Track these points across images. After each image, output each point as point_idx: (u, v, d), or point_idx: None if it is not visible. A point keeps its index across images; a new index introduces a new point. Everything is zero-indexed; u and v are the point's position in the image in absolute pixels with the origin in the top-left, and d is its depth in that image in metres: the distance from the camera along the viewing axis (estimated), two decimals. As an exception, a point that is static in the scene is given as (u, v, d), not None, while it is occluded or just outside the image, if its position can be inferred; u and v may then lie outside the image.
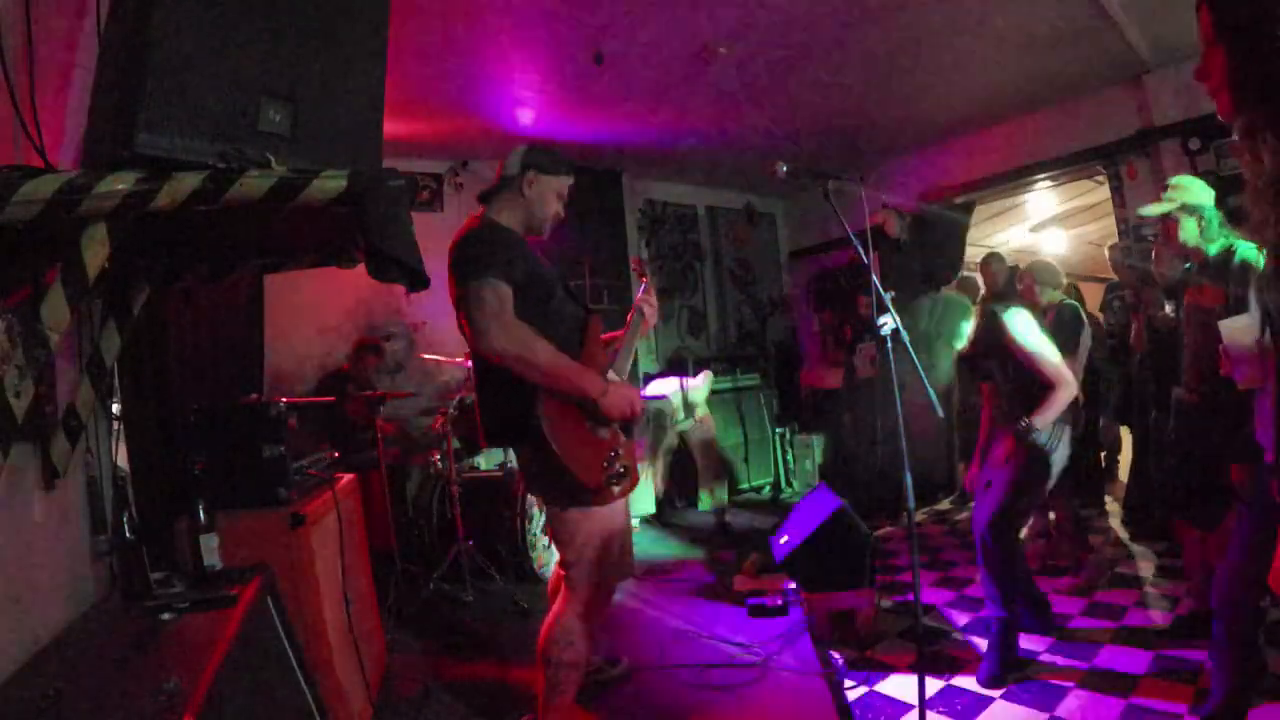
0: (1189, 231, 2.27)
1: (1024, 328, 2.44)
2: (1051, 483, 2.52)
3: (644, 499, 4.59)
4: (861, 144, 5.68)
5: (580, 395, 1.77)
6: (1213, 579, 1.86)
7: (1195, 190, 2.27)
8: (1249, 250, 2.16)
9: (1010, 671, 2.34)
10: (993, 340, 2.51)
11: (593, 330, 1.97)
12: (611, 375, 1.93)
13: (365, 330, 4.83)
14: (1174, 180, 2.36)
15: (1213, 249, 2.26)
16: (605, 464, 1.81)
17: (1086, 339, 3.42)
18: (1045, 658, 2.46)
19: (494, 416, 1.89)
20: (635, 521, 4.37)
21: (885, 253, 5.63)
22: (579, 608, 1.86)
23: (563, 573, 1.92)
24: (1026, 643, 2.49)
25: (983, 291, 5.06)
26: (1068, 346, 3.16)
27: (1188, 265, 2.41)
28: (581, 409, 1.80)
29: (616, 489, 1.82)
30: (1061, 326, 3.23)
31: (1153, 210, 2.35)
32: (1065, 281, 3.64)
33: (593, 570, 1.86)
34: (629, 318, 2.16)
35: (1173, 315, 3.05)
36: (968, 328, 2.68)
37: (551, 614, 1.90)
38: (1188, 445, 2.35)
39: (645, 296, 2.19)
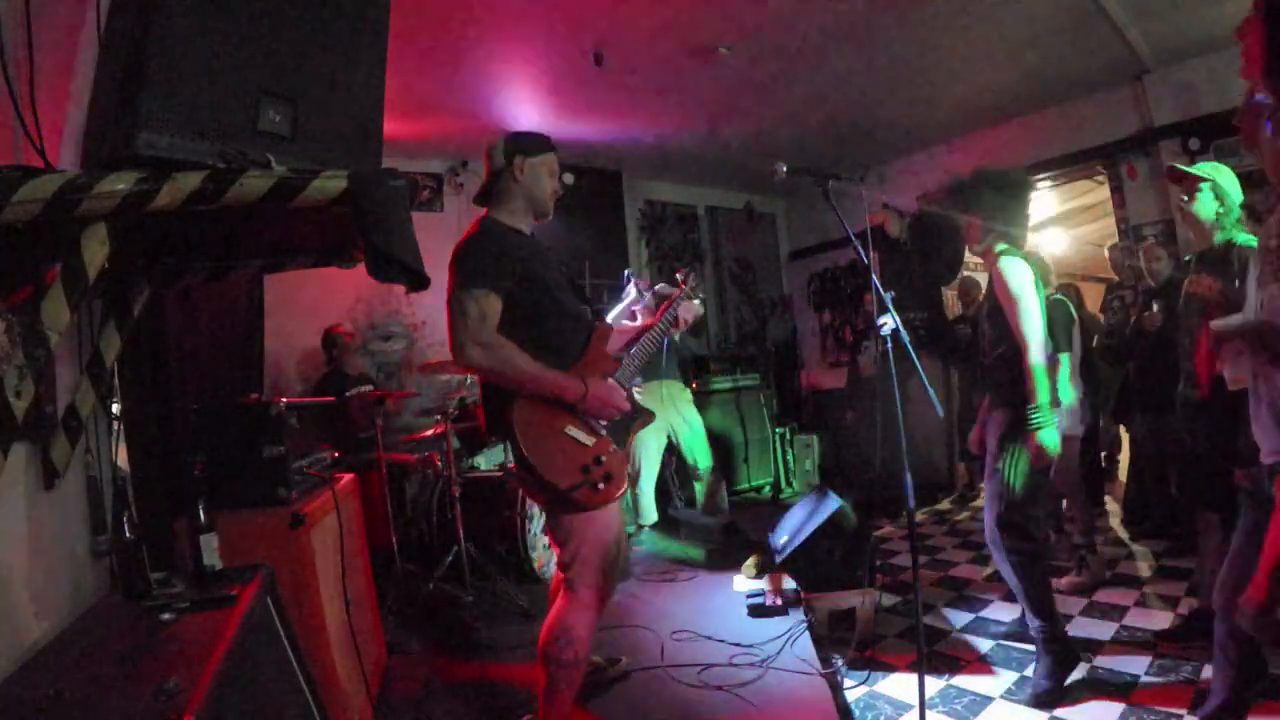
0: (1205, 207, 2.25)
1: (1019, 274, 2.22)
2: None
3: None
4: (862, 144, 5.68)
5: (559, 401, 1.80)
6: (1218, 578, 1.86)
7: (1230, 178, 2.25)
8: (1250, 240, 2.16)
9: (1065, 693, 2.17)
10: (992, 299, 2.37)
11: (598, 336, 1.98)
12: (611, 382, 1.94)
13: (366, 330, 4.84)
14: (1217, 163, 2.32)
15: (1218, 238, 2.26)
16: (584, 468, 1.80)
17: (1076, 334, 3.43)
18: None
19: (486, 412, 1.95)
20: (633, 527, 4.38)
21: (885, 253, 5.64)
22: (578, 608, 1.87)
23: (561, 574, 1.93)
24: (1025, 644, 2.49)
25: (984, 290, 5.07)
26: (1062, 344, 3.16)
27: (1186, 259, 2.41)
28: (566, 411, 1.82)
29: (597, 494, 1.81)
30: (1054, 323, 3.23)
31: (1186, 168, 2.32)
32: (1056, 281, 3.65)
33: (590, 571, 1.87)
34: (647, 323, 2.17)
35: (1159, 316, 3.07)
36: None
37: (551, 614, 1.91)
38: (1197, 441, 2.32)
39: (674, 307, 2.22)
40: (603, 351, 1.99)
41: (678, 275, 2.42)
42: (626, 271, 4.22)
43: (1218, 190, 2.24)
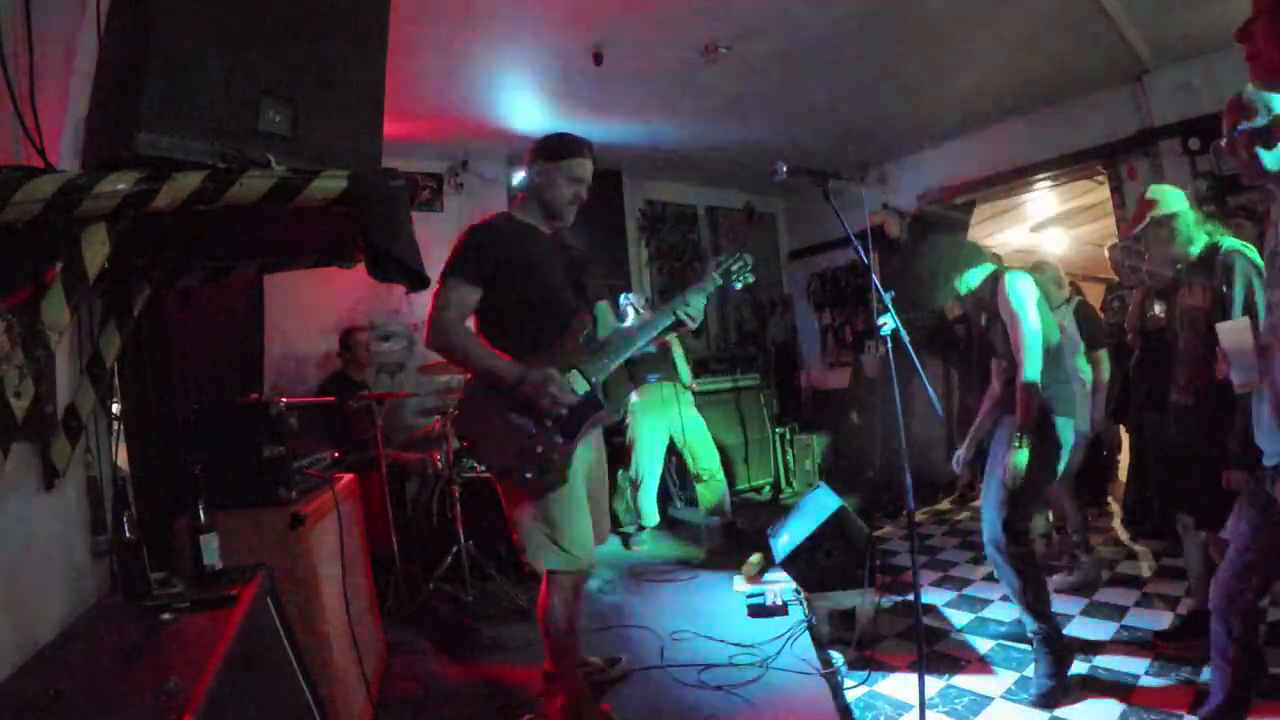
0: (1167, 240, 2.31)
1: (1020, 292, 2.30)
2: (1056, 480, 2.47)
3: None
4: (862, 144, 5.67)
5: (497, 383, 1.87)
6: (1213, 578, 1.86)
7: (1166, 199, 2.30)
8: (1234, 243, 2.17)
9: (1067, 690, 2.18)
10: (986, 305, 2.45)
11: (574, 326, 2.04)
12: (574, 374, 1.95)
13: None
14: (1147, 195, 2.37)
15: (1195, 249, 2.27)
16: (518, 452, 1.87)
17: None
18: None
19: None
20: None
21: (885, 253, 5.64)
22: (549, 588, 2.00)
23: None
24: (1025, 644, 2.48)
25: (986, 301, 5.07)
26: (1095, 342, 3.32)
27: (1179, 266, 2.42)
28: (511, 398, 1.88)
29: (527, 481, 1.88)
30: (1086, 323, 3.37)
31: (1135, 232, 2.41)
32: (1068, 287, 3.70)
33: (540, 550, 1.95)
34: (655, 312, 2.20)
35: (1162, 316, 3.08)
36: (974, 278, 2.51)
37: (539, 595, 2.04)
38: (1186, 446, 2.34)
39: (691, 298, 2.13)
40: (577, 343, 2.04)
41: (722, 257, 2.25)
42: (621, 296, 4.22)
43: (1157, 220, 2.29)
